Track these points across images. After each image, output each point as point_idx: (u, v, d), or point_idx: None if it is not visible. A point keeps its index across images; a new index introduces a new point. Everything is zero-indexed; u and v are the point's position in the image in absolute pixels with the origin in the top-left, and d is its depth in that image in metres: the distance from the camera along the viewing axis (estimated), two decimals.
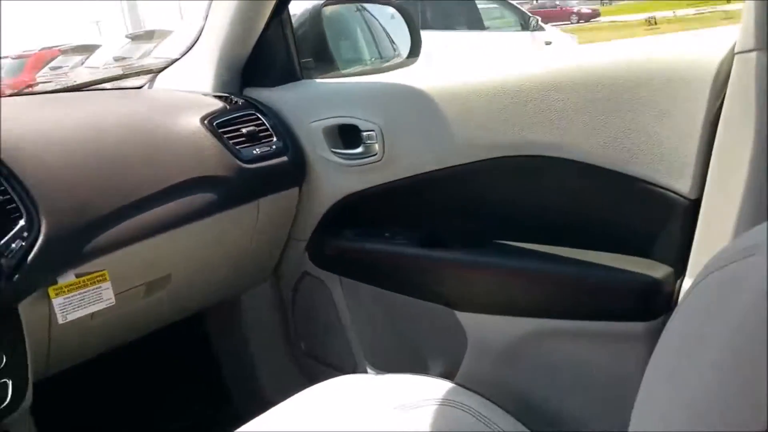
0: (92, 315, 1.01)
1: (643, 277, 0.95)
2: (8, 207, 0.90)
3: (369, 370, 1.36)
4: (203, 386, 1.67)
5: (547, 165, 1.01)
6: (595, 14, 29.15)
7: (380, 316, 1.31)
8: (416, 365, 1.27)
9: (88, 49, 10.19)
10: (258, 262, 1.40)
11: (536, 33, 6.94)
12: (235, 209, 1.19)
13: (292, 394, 1.53)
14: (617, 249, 1.01)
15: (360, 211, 1.31)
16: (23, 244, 0.89)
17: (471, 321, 1.13)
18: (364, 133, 1.18)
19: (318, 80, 1.36)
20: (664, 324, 0.96)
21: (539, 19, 7.21)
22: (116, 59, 8.21)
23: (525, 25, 6.91)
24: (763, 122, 0.77)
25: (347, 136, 1.23)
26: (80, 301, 0.99)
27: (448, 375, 1.21)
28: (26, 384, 0.95)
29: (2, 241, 0.88)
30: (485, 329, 1.12)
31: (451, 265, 1.15)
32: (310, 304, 1.47)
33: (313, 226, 1.35)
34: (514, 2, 7.30)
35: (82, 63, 9.50)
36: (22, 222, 0.90)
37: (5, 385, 0.92)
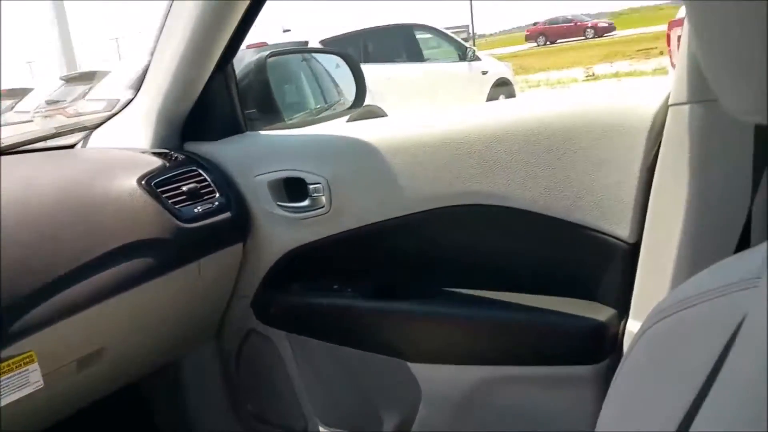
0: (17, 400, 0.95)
1: (588, 320, 0.97)
2: None
3: (321, 429, 1.32)
4: None
5: (492, 213, 1.03)
6: (611, 28, 29.02)
7: (331, 372, 1.28)
8: (370, 421, 1.24)
9: (18, 93, 9.85)
10: (199, 323, 1.35)
11: (473, 63, 7.12)
12: (174, 272, 1.14)
13: None
14: (563, 293, 1.03)
15: (307, 265, 1.29)
16: None
17: (423, 372, 1.12)
18: (311, 186, 1.16)
19: (262, 132, 1.34)
20: (610, 367, 0.98)
21: (475, 50, 7.42)
22: (48, 103, 7.94)
23: (462, 55, 7.09)
24: (696, 170, 0.80)
25: (293, 188, 1.21)
26: (6, 387, 0.91)
27: (403, 428, 1.19)
28: None
29: None
30: (437, 379, 1.11)
31: (401, 316, 1.14)
32: (256, 364, 1.42)
33: (258, 281, 1.32)
34: (449, 32, 7.50)
35: (12, 108, 9.16)
36: None
37: None
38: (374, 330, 1.17)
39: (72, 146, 1.46)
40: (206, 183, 1.24)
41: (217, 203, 1.22)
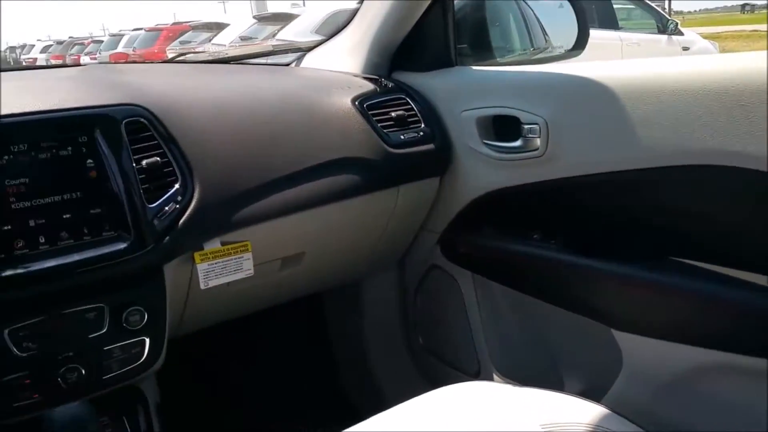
0: (229, 283, 1.02)
1: None
2: (165, 170, 0.91)
3: (495, 376, 1.29)
4: (315, 367, 1.67)
5: (747, 180, 0.87)
6: None
7: (515, 321, 1.24)
8: (550, 379, 1.18)
9: (216, 27, 10.68)
10: (387, 249, 1.37)
11: (674, 37, 6.49)
12: (376, 193, 1.16)
13: (405, 387, 1.52)
14: None
15: (503, 208, 1.24)
16: (176, 207, 0.90)
17: (628, 342, 1.03)
18: (526, 126, 1.09)
19: (474, 67, 1.29)
20: None
21: (678, 23, 6.74)
22: (242, 39, 8.53)
23: (662, 27, 6.49)
24: None
25: (502, 127, 1.16)
26: (222, 269, 1.00)
27: (589, 395, 1.11)
28: (162, 343, 0.97)
29: (157, 203, 0.89)
30: (646, 353, 1.01)
31: (611, 278, 1.05)
32: (435, 299, 1.42)
33: (449, 219, 1.30)
34: (652, 3, 6.87)
35: (210, 40, 9.96)
36: (177, 186, 0.91)
37: (143, 342, 0.94)
38: (575, 287, 1.10)
39: (286, 65, 1.52)
40: (413, 112, 1.23)
41: (422, 133, 1.21)
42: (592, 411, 0.83)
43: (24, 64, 17.90)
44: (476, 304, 1.29)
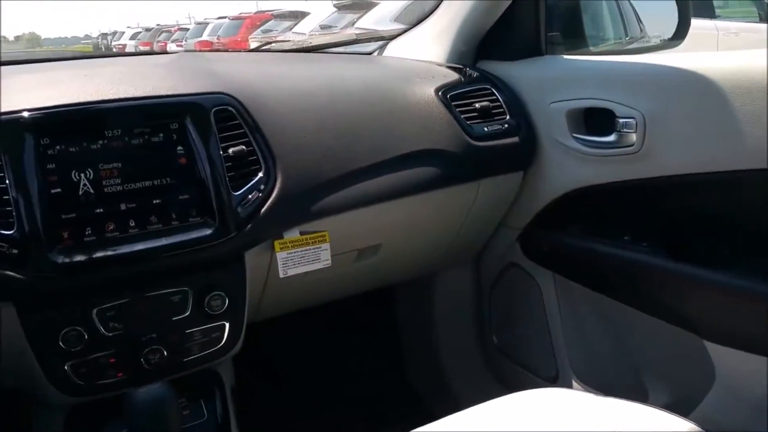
0: (306, 272, 1.02)
1: None
2: (250, 158, 0.91)
3: (574, 383, 1.23)
4: (382, 359, 1.67)
5: None
6: None
7: (598, 326, 1.18)
8: (634, 389, 1.12)
9: (297, 15, 10.84)
10: (463, 243, 1.34)
11: None
12: (456, 186, 1.14)
13: (475, 386, 1.49)
14: None
15: (591, 207, 1.18)
16: (259, 195, 0.91)
17: (723, 355, 0.96)
18: (621, 120, 1.03)
19: (566, 56, 1.23)
20: None
21: None
22: (322, 27, 8.61)
23: (765, 15, 6.05)
24: None
25: (594, 121, 1.10)
26: (300, 258, 1.00)
27: (675, 410, 1.05)
28: (241, 329, 0.98)
29: (241, 191, 0.89)
30: (742, 369, 0.94)
31: (707, 285, 0.98)
32: (512, 298, 1.38)
33: (531, 216, 1.25)
34: None
35: (291, 28, 10.13)
36: (260, 174, 0.92)
37: (223, 327, 0.95)
38: (668, 295, 1.04)
39: (369, 54, 1.51)
40: (498, 103, 1.19)
41: (506, 125, 1.17)
42: (679, 426, 0.77)
43: (114, 50, 18.83)
44: (556, 306, 1.24)
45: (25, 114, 0.79)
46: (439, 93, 1.14)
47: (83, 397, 0.90)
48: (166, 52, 1.20)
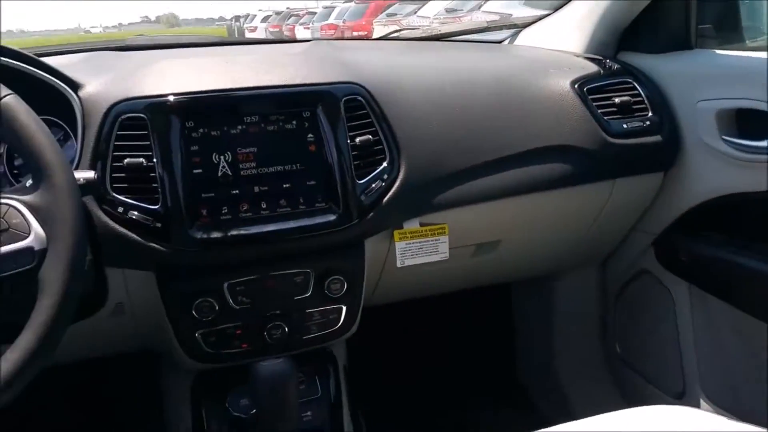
0: (423, 263, 1.01)
1: None
2: (375, 148, 0.92)
3: (703, 402, 1.15)
4: (494, 357, 1.64)
5: None
6: None
7: (736, 345, 1.08)
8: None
9: None
10: (592, 245, 1.27)
11: None
12: (588, 185, 1.08)
13: (593, 395, 1.43)
14: None
15: (738, 216, 1.08)
16: (382, 184, 0.91)
17: None
18: None
19: (719, 51, 1.13)
20: None
21: None
22: (447, 11, 8.54)
23: None
24: None
25: (747, 123, 1.00)
26: (418, 249, 0.99)
27: None
28: (357, 312, 1.00)
29: (365, 179, 0.91)
30: None
31: None
32: (640, 307, 1.30)
33: (669, 221, 1.17)
34: None
35: (415, 12, 10.14)
36: (384, 164, 0.92)
37: (340, 309, 0.97)
38: None
39: (499, 42, 1.47)
40: (639, 98, 1.11)
41: (647, 122, 1.09)
42: None
43: (246, 32, 19.76)
44: (689, 319, 1.16)
45: (173, 98, 0.84)
46: (576, 86, 1.09)
47: (209, 364, 0.95)
48: (295, 40, 1.23)
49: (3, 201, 0.65)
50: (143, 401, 1.40)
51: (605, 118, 1.07)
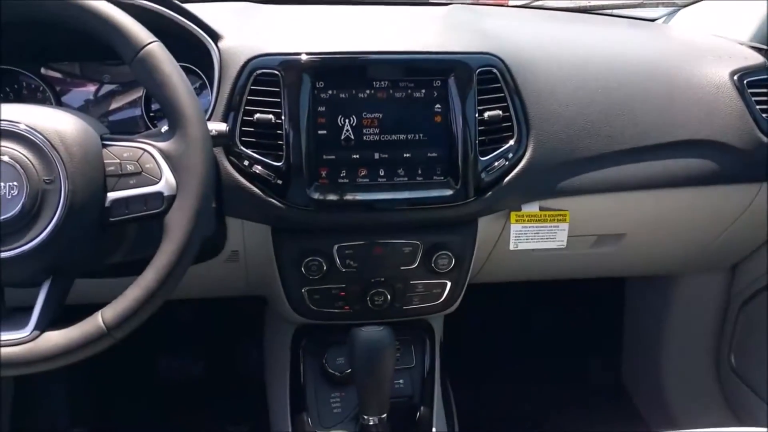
0: (535, 249, 0.97)
1: None
2: (504, 124, 0.88)
3: None
4: (596, 349, 1.57)
5: None
6: None
7: None
8: None
9: None
10: (724, 249, 1.18)
11: None
12: (732, 186, 1.00)
13: (698, 406, 1.34)
14: None
15: None
16: (505, 163, 0.88)
17: None
18: None
19: None
20: None
21: None
22: None
23: None
24: None
25: None
26: (535, 234, 0.96)
27: None
28: (461, 290, 0.98)
29: (488, 156, 0.87)
30: None
31: None
32: (762, 324, 1.19)
33: None
34: None
35: None
36: (511, 142, 0.89)
37: (444, 285, 0.96)
38: None
39: (653, 20, 1.35)
40: None
41: None
42: None
43: None
44: None
45: (306, 57, 0.84)
46: (735, 77, 0.98)
47: (312, 320, 0.98)
48: (435, 3, 1.19)
49: (138, 145, 0.68)
50: (246, 343, 1.49)
51: (764, 115, 0.97)
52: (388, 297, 0.94)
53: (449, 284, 0.96)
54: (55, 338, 0.64)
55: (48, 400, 1.46)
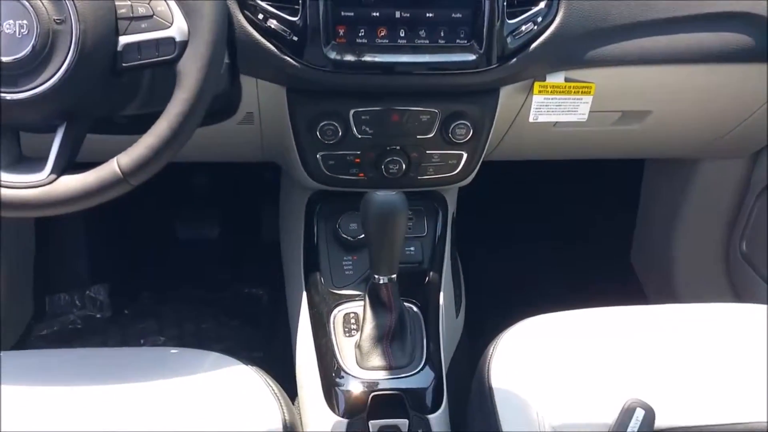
0: (556, 123, 0.96)
1: None
2: None
3: None
4: (607, 234, 1.58)
5: None
6: None
7: None
8: None
9: None
10: (752, 133, 1.15)
11: None
12: (765, 66, 0.94)
13: (702, 285, 1.36)
14: None
15: None
16: (533, 28, 0.84)
17: None
18: None
19: None
20: None
21: None
22: None
23: None
24: None
25: None
26: (557, 106, 0.93)
27: None
28: (477, 162, 0.97)
29: (516, 20, 0.83)
30: None
31: None
32: None
33: None
34: None
35: None
36: (541, 5, 0.84)
37: (460, 156, 0.95)
38: None
39: None
40: None
41: None
42: None
43: None
44: None
45: None
46: None
47: (326, 186, 0.98)
48: None
49: None
50: (264, 209, 1.51)
51: None
52: (403, 166, 0.93)
53: (465, 156, 0.95)
54: (72, 182, 0.65)
55: (70, 257, 1.52)
